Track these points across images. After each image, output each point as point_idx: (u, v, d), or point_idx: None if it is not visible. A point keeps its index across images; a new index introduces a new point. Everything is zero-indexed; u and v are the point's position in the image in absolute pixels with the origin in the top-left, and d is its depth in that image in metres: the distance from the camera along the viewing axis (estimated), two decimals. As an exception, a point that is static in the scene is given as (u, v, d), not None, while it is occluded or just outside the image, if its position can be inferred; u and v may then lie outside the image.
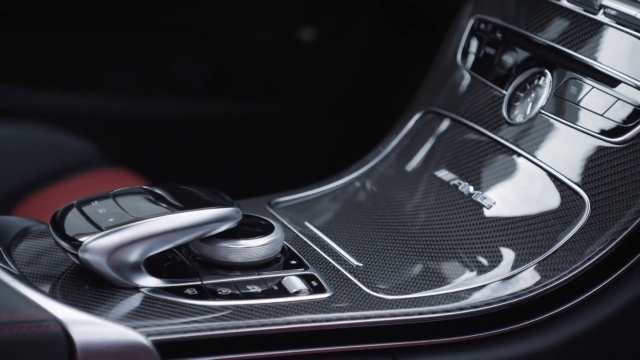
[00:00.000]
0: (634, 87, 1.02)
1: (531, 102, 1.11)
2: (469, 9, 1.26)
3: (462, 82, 1.21)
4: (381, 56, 1.87)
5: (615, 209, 0.99)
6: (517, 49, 1.15)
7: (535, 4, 1.16)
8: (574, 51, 1.09)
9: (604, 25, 1.07)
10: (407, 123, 1.22)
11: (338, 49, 1.87)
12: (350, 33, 1.87)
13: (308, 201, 1.16)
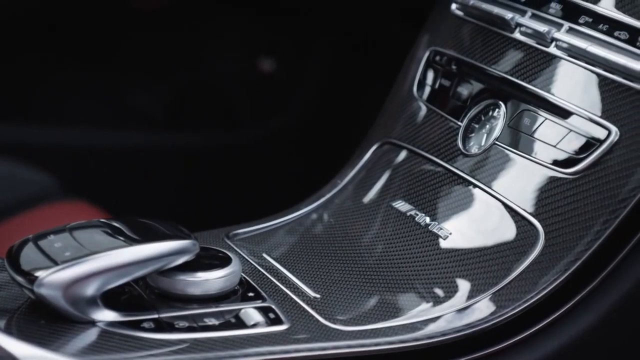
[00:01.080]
0: (586, 119, 1.03)
1: (486, 133, 1.12)
2: (424, 41, 1.27)
3: (418, 113, 1.22)
4: (341, 86, 1.88)
5: (569, 239, 1.00)
6: (472, 81, 1.17)
7: (489, 37, 1.17)
8: (528, 83, 1.10)
9: (556, 57, 1.09)
10: (364, 154, 1.23)
11: (297, 80, 1.88)
12: (310, 64, 1.88)
13: (266, 233, 1.16)
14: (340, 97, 1.89)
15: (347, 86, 1.87)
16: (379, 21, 1.67)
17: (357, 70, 1.85)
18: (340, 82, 1.88)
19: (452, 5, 1.24)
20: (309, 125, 1.88)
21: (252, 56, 1.90)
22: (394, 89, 1.28)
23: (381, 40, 1.71)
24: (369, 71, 1.81)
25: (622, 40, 1.03)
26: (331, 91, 1.88)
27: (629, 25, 1.03)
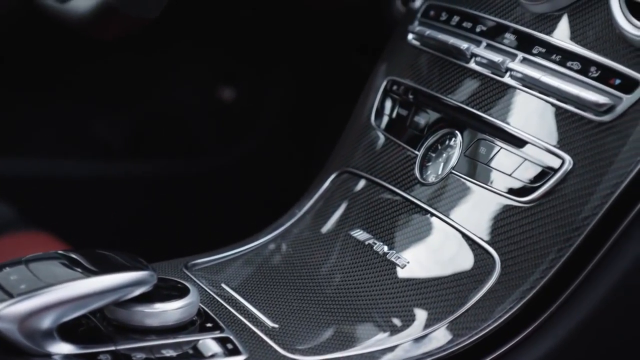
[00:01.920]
0: (541, 148, 1.04)
1: (443, 162, 1.13)
2: (382, 70, 1.28)
3: (376, 142, 1.23)
4: (301, 115, 1.89)
5: (524, 267, 1.01)
6: (429, 110, 1.18)
7: (446, 67, 1.18)
8: (483, 112, 1.11)
9: (510, 87, 1.10)
10: (323, 184, 1.23)
11: (258, 109, 1.89)
12: (270, 93, 1.89)
13: (224, 263, 1.16)
14: (300, 125, 1.89)
15: (307, 114, 1.88)
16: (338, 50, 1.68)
17: (317, 99, 1.86)
18: (301, 110, 1.89)
19: (409, 35, 1.25)
20: (268, 154, 1.88)
21: (213, 84, 1.90)
22: (352, 118, 1.29)
23: (341, 69, 1.72)
24: (329, 100, 1.82)
25: (574, 70, 1.04)
26: (291, 120, 1.89)
27: (580, 56, 1.04)
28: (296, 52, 1.80)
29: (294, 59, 1.82)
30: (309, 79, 1.85)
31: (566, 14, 1.08)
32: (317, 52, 1.75)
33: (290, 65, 1.85)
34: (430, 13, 1.24)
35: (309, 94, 1.87)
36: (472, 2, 1.19)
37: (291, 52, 1.81)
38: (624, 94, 1.00)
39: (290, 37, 1.76)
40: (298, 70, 1.85)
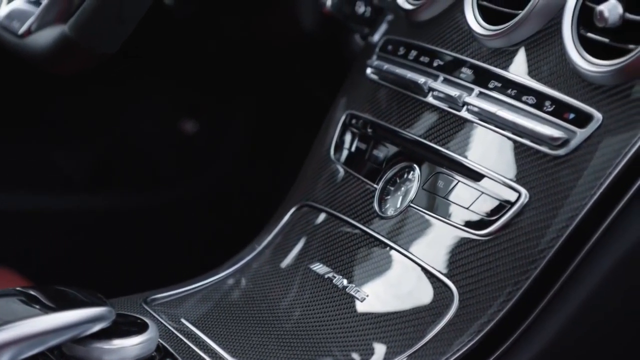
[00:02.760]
0: (497, 182, 1.05)
1: (401, 195, 1.14)
2: (341, 104, 1.29)
3: (335, 175, 1.23)
4: (263, 147, 1.90)
5: (482, 300, 1.02)
6: (387, 144, 1.19)
7: (404, 101, 1.19)
8: (441, 146, 1.12)
9: (467, 121, 1.11)
10: (283, 217, 1.24)
11: (219, 141, 1.89)
12: (231, 124, 1.89)
13: (184, 297, 1.16)
14: (261, 158, 1.90)
15: (268, 147, 1.89)
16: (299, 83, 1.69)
17: (278, 132, 1.87)
18: (262, 143, 1.89)
19: (367, 69, 1.26)
20: (229, 187, 1.89)
21: (175, 116, 1.91)
22: (312, 151, 1.30)
23: (301, 102, 1.73)
24: (290, 132, 1.83)
25: (529, 104, 1.06)
26: (252, 152, 1.89)
27: (535, 90, 1.06)
28: (257, 84, 1.81)
29: (255, 91, 1.83)
30: (270, 112, 1.86)
31: (521, 49, 1.10)
32: (278, 85, 1.76)
33: (252, 98, 1.85)
34: (389, 47, 1.25)
35: (270, 127, 1.87)
36: (430, 37, 1.20)
37: (253, 85, 1.82)
38: (578, 128, 1.01)
39: (251, 70, 1.76)
40: (259, 103, 1.85)
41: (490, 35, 1.11)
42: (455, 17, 1.18)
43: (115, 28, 1.15)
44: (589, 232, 0.99)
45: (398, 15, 1.27)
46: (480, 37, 1.13)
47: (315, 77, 1.61)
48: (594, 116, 1.00)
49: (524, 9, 1.08)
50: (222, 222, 1.86)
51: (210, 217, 1.87)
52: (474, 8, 1.14)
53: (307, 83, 1.66)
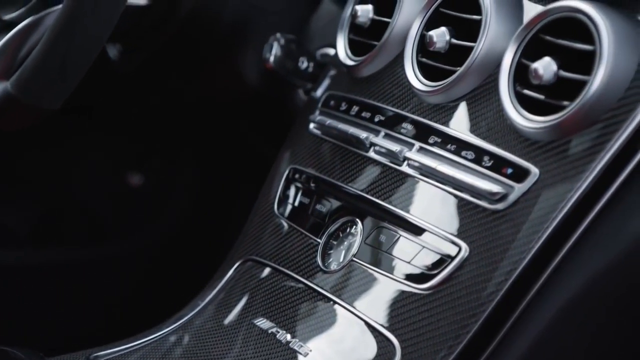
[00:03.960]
0: (438, 236, 1.07)
1: (344, 250, 1.15)
2: (285, 158, 1.30)
3: (279, 230, 1.24)
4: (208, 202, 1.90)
5: (424, 354, 1.03)
6: (330, 199, 1.20)
7: (346, 155, 1.20)
8: (383, 201, 1.14)
9: (408, 176, 1.13)
10: (226, 273, 1.24)
11: (164, 195, 1.89)
12: (176, 179, 1.89)
13: (127, 354, 1.16)
14: (206, 212, 1.90)
15: (213, 201, 1.89)
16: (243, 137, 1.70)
17: (223, 185, 1.87)
18: (206, 197, 1.89)
19: (310, 124, 1.27)
20: (174, 242, 1.88)
21: (119, 170, 1.90)
22: (256, 206, 1.30)
23: (246, 156, 1.74)
24: (235, 186, 1.83)
25: (468, 159, 1.07)
26: (197, 206, 1.90)
27: (474, 146, 1.07)
28: (202, 138, 1.81)
29: (200, 145, 1.84)
30: (214, 166, 1.86)
31: (460, 105, 1.12)
32: (222, 139, 1.77)
33: (197, 152, 1.86)
34: (331, 103, 1.26)
35: (214, 181, 1.88)
36: (371, 93, 1.21)
37: (197, 139, 1.82)
38: (516, 183, 1.03)
39: (196, 124, 1.77)
40: (204, 157, 1.86)
41: (430, 91, 1.13)
42: (396, 73, 1.20)
43: (58, 84, 1.15)
44: (527, 285, 1.00)
45: (340, 70, 1.29)
46: (420, 93, 1.15)
47: (260, 131, 1.62)
48: (531, 171, 1.02)
49: (462, 66, 1.11)
50: (166, 277, 1.86)
51: (155, 271, 1.86)
52: (414, 64, 1.16)
53: (251, 137, 1.67)
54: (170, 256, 1.87)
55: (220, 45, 1.45)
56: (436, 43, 1.13)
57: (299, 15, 1.47)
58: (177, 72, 1.54)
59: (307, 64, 1.40)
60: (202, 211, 1.88)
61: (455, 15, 1.13)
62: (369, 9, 1.23)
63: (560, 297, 1.00)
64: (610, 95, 0.98)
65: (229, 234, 1.37)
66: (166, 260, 1.87)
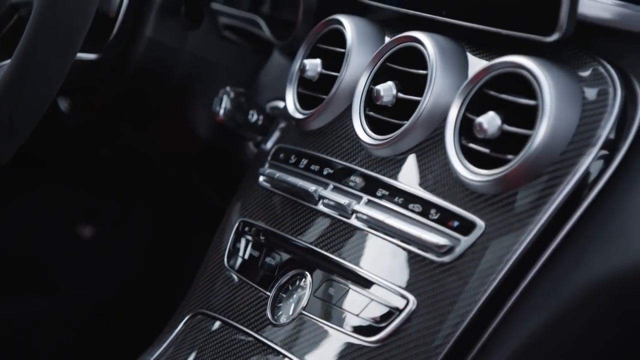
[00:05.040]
0: (386, 289, 1.07)
1: (294, 303, 1.15)
2: (235, 211, 1.30)
3: (229, 283, 1.24)
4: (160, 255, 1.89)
5: (373, 407, 1.03)
6: (280, 252, 1.20)
7: (295, 208, 1.21)
8: (331, 254, 1.14)
9: (357, 229, 1.13)
10: (176, 326, 1.24)
11: (116, 247, 1.89)
12: (128, 230, 1.89)
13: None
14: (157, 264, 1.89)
15: (164, 253, 1.89)
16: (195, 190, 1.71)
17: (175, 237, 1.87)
18: (158, 249, 1.89)
19: (260, 177, 1.27)
20: (125, 294, 1.88)
21: (70, 223, 1.90)
22: (206, 258, 1.30)
23: (197, 209, 1.74)
24: (187, 238, 1.83)
25: (416, 212, 1.08)
26: (149, 258, 1.89)
27: (421, 199, 1.08)
28: (154, 190, 1.81)
29: (151, 197, 1.84)
30: (166, 218, 1.86)
31: (408, 158, 1.13)
32: (174, 191, 1.77)
33: (148, 203, 1.86)
34: (280, 156, 1.27)
35: (166, 233, 1.88)
36: (320, 146, 1.22)
37: (149, 191, 1.83)
38: (462, 235, 1.04)
39: (147, 176, 1.77)
40: (155, 209, 1.86)
41: (377, 144, 1.14)
42: (345, 126, 1.21)
43: (6, 139, 1.15)
44: (474, 337, 1.01)
45: (290, 123, 1.30)
46: (368, 146, 1.16)
47: (211, 183, 1.62)
48: (477, 224, 1.03)
49: (409, 120, 1.12)
50: (116, 330, 1.85)
51: (105, 324, 1.85)
52: (361, 118, 1.17)
53: (202, 189, 1.67)
54: (121, 309, 1.86)
55: (170, 98, 1.46)
56: (383, 97, 1.14)
57: (249, 69, 1.48)
58: (128, 125, 1.54)
59: (257, 117, 1.41)
60: (153, 263, 1.88)
61: (401, 69, 1.15)
62: (317, 63, 1.24)
63: (507, 349, 1.01)
64: (553, 149, 1.00)
65: (180, 286, 1.37)
66: (117, 313, 1.86)
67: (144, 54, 1.40)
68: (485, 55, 1.12)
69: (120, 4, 1.35)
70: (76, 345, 1.83)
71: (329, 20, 1.25)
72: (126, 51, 1.40)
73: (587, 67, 1.04)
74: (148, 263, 1.88)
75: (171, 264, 1.85)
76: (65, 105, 1.51)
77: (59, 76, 1.14)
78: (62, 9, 1.12)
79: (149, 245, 1.88)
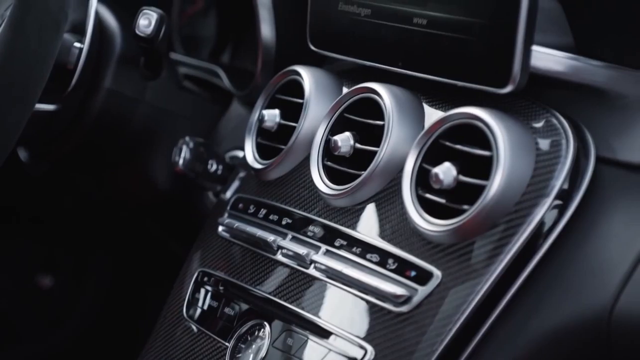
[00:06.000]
0: (345, 339, 1.07)
1: (252, 353, 1.15)
2: (194, 261, 1.30)
3: (188, 333, 1.23)
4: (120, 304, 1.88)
5: None
6: (239, 302, 1.20)
7: (255, 259, 1.21)
8: (290, 304, 1.14)
9: (315, 279, 1.14)
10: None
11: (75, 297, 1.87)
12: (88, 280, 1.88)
13: None
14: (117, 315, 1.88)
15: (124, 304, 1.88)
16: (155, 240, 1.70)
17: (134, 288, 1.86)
18: (118, 299, 1.88)
19: (219, 227, 1.28)
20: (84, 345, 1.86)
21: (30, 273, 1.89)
22: (165, 309, 1.30)
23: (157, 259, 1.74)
24: (146, 288, 1.82)
25: (373, 262, 1.09)
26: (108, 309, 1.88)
27: (379, 248, 1.09)
28: (114, 240, 1.81)
29: (111, 247, 1.83)
30: (126, 268, 1.86)
31: (365, 208, 1.13)
32: (133, 241, 1.77)
33: (108, 253, 1.85)
34: (239, 205, 1.27)
35: (126, 283, 1.87)
36: (279, 196, 1.23)
37: (109, 241, 1.82)
38: (420, 285, 1.04)
39: (107, 226, 1.77)
40: (115, 259, 1.85)
41: (335, 194, 1.15)
42: (303, 176, 1.21)
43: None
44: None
45: (249, 173, 1.30)
46: (326, 196, 1.16)
47: (171, 233, 1.62)
48: (434, 274, 1.04)
49: (366, 170, 1.13)
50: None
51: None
52: (320, 168, 1.18)
53: (162, 239, 1.67)
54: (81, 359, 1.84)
55: (129, 149, 1.45)
56: (341, 147, 1.15)
57: (208, 118, 1.49)
58: (88, 176, 1.54)
59: (217, 167, 1.42)
60: (113, 312, 1.87)
61: (359, 120, 1.16)
62: (276, 113, 1.25)
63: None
64: (508, 199, 1.01)
65: (140, 336, 1.36)
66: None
67: (102, 105, 1.41)
68: (441, 106, 1.13)
69: (79, 55, 1.35)
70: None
71: (288, 71, 1.26)
72: (85, 102, 1.40)
73: (540, 119, 1.05)
74: (108, 312, 1.86)
75: (131, 313, 1.84)
76: (24, 155, 1.51)
77: (17, 127, 1.14)
78: (20, 61, 1.12)
79: (109, 294, 1.87)
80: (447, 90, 1.12)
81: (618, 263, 0.98)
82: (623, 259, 0.98)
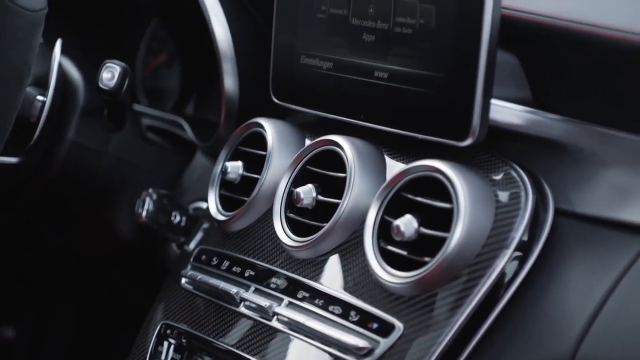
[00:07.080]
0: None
1: (216, 406, 1.15)
2: (158, 313, 1.30)
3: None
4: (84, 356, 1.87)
5: None
6: (202, 355, 1.20)
7: (218, 311, 1.21)
8: (253, 356, 1.14)
9: (278, 331, 1.14)
10: None
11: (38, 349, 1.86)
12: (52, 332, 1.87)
13: None
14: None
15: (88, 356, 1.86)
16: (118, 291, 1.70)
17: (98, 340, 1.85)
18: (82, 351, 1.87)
19: (182, 279, 1.27)
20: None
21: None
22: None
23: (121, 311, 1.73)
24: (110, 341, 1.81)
25: (336, 314, 1.09)
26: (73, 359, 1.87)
27: (341, 300, 1.09)
28: (77, 291, 1.80)
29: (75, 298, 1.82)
30: (90, 319, 1.84)
31: (328, 260, 1.14)
32: (97, 292, 1.76)
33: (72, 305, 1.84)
34: (203, 257, 1.27)
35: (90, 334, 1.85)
36: (242, 247, 1.23)
37: (72, 292, 1.81)
38: (382, 337, 1.04)
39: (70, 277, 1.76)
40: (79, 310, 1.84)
41: (298, 246, 1.15)
42: (266, 228, 1.22)
43: None
44: None
45: (213, 224, 1.30)
46: (289, 248, 1.16)
47: (134, 284, 1.62)
48: (395, 326, 1.04)
49: (328, 222, 1.13)
50: None
51: None
52: (282, 220, 1.18)
53: (126, 291, 1.66)
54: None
55: (92, 201, 1.45)
56: (303, 200, 1.16)
57: (172, 170, 1.49)
58: (50, 227, 1.54)
59: (180, 218, 1.42)
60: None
61: (321, 172, 1.17)
62: (239, 165, 1.25)
63: None
64: (468, 252, 1.02)
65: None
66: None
67: (66, 157, 1.41)
68: (402, 158, 1.14)
69: (42, 108, 1.35)
70: None
71: (250, 123, 1.27)
72: (48, 154, 1.40)
73: (499, 171, 1.07)
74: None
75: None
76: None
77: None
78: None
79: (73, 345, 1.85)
80: (408, 143, 1.13)
81: (577, 314, 0.99)
82: (582, 310, 0.99)
